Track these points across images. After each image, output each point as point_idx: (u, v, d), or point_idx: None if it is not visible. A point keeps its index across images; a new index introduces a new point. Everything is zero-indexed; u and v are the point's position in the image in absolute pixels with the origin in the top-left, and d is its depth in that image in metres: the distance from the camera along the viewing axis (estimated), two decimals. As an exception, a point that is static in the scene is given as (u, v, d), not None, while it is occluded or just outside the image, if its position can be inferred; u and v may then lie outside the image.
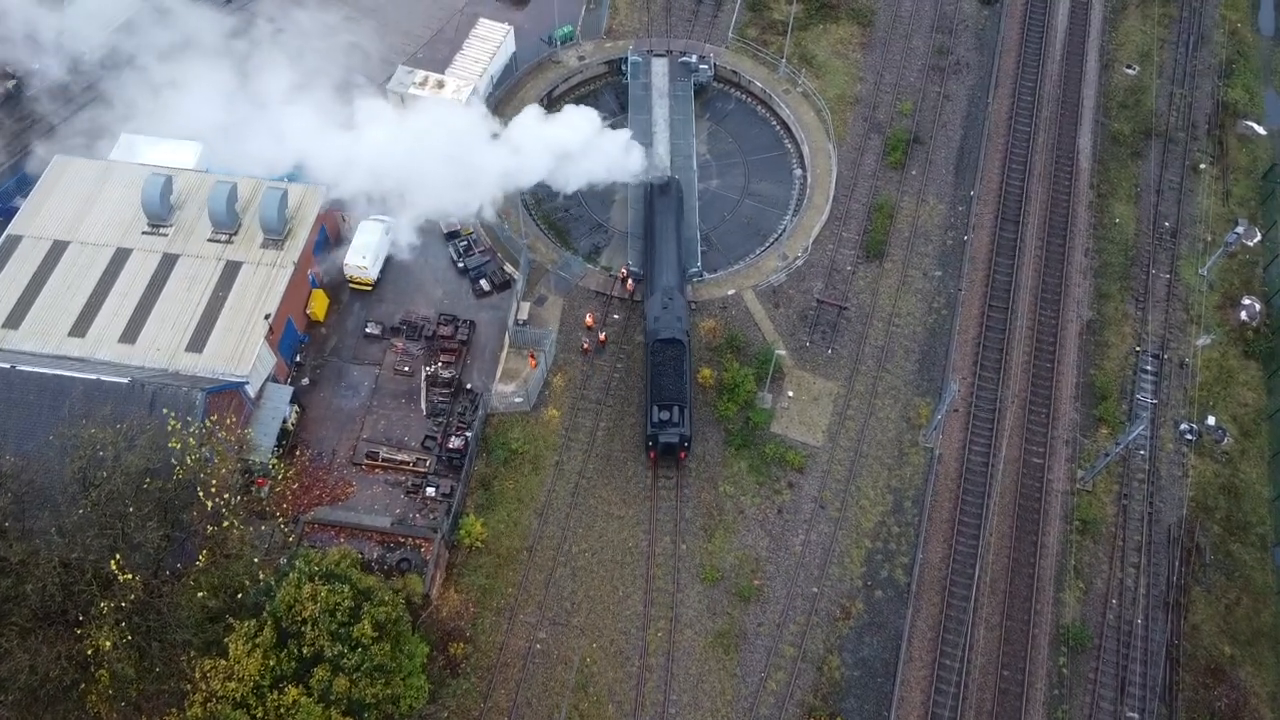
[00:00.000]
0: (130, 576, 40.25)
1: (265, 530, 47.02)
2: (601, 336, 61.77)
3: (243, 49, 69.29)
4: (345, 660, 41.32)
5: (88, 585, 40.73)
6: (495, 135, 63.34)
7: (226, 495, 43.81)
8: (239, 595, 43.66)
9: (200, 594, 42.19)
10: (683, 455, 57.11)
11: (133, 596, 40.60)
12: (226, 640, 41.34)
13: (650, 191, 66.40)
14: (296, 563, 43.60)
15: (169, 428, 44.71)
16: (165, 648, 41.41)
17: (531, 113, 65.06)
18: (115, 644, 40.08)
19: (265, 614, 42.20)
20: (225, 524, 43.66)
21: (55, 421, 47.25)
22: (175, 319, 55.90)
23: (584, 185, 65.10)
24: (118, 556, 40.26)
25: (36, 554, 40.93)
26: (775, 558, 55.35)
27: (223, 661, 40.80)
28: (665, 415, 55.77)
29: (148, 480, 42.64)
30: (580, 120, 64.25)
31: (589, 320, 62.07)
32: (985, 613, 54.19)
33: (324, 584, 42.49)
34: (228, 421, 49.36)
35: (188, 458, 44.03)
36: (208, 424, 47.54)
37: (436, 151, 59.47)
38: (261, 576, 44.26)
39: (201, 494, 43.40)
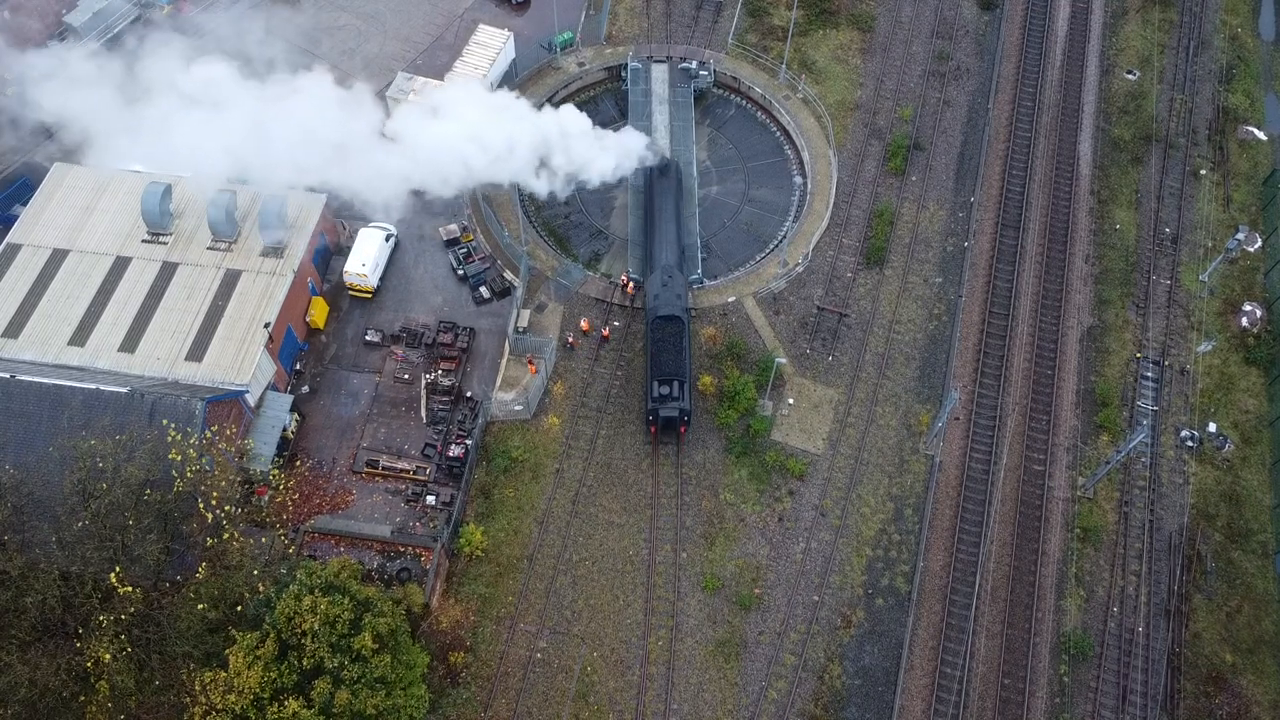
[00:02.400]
0: (130, 589, 40.19)
1: (265, 541, 46.85)
2: (605, 331, 61.93)
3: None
4: (346, 672, 41.25)
5: (88, 598, 40.72)
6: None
7: (228, 507, 43.75)
8: (239, 607, 43.58)
9: (201, 605, 42.12)
10: (683, 430, 57.70)
11: (133, 609, 40.53)
12: (227, 652, 41.27)
13: (650, 173, 67.26)
14: (297, 574, 43.49)
15: (169, 439, 44.64)
16: (165, 659, 41.41)
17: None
18: (115, 656, 40.04)
19: (266, 626, 42.11)
20: (226, 535, 43.60)
21: (55, 432, 47.27)
22: (175, 328, 55.84)
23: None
24: (118, 569, 40.20)
25: (36, 566, 40.89)
26: (776, 566, 55.27)
27: (223, 673, 40.73)
28: (665, 390, 56.53)
29: (148, 492, 42.61)
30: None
31: (585, 325, 62.05)
32: (986, 621, 54.12)
33: (324, 596, 42.38)
34: (228, 432, 49.30)
35: (188, 469, 43.97)
36: (208, 435, 47.47)
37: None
38: (261, 589, 44.14)
39: (201, 506, 43.34)
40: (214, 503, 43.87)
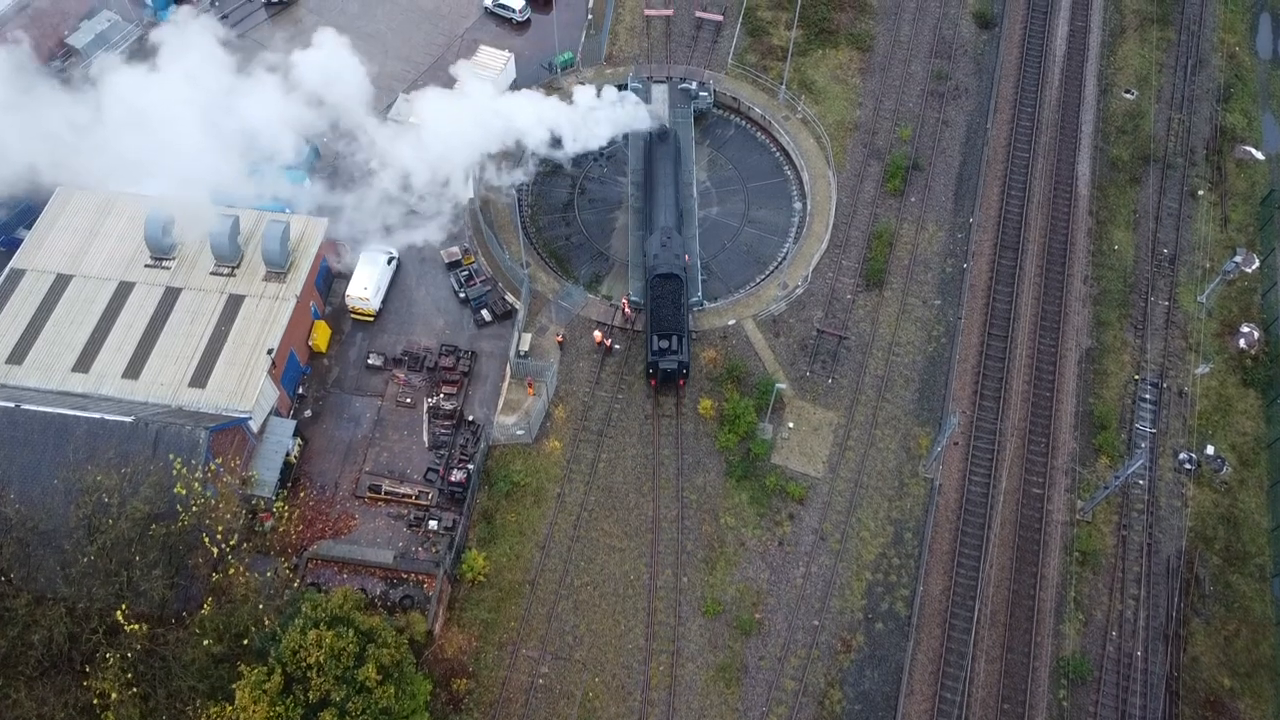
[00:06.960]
0: (136, 626, 40.47)
1: (270, 575, 47.03)
2: (608, 343, 62.58)
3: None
4: (351, 704, 41.54)
5: (93, 633, 40.98)
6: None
7: (233, 541, 44.02)
8: (244, 640, 43.85)
9: (206, 641, 42.36)
10: (681, 383, 60.04)
11: (138, 645, 40.81)
12: (234, 687, 41.54)
13: (650, 140, 70.08)
14: (302, 607, 43.77)
15: (174, 471, 44.91)
16: (170, 694, 41.67)
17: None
18: (120, 691, 40.31)
19: (271, 660, 42.39)
20: (231, 570, 43.88)
21: (60, 462, 47.45)
22: (178, 354, 56.03)
23: None
24: (124, 606, 40.48)
25: (43, 601, 41.16)
26: (776, 590, 55.58)
27: (229, 708, 41.01)
28: (665, 344, 59.29)
29: (153, 526, 42.86)
30: None
31: (598, 337, 62.75)
32: (986, 645, 54.45)
33: (328, 629, 42.66)
34: (232, 463, 49.54)
35: (193, 503, 44.25)
36: (212, 466, 47.72)
37: None
38: (267, 622, 44.41)
39: (206, 540, 43.60)
40: (219, 536, 44.13)
